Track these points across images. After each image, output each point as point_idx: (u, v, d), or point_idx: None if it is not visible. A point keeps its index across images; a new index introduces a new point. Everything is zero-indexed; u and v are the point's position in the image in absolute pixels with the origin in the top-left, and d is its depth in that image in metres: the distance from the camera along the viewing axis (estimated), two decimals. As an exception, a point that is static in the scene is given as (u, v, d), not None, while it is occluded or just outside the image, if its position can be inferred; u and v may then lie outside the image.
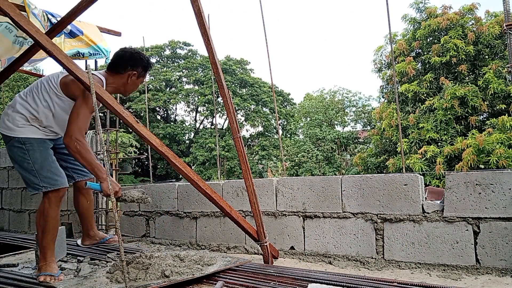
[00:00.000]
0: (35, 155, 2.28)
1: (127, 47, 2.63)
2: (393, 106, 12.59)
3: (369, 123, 22.43)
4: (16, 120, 2.28)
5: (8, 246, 3.85)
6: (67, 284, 2.20)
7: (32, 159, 2.27)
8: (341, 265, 2.80)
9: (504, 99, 10.94)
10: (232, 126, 2.79)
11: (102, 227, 4.72)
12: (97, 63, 5.48)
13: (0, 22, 3.49)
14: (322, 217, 3.01)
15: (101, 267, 2.62)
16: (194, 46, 26.76)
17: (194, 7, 2.67)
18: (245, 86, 24.80)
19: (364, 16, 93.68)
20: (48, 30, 3.28)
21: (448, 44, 11.63)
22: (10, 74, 3.52)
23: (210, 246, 3.54)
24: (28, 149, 2.27)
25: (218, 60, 2.81)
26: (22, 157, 2.28)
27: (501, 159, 9.13)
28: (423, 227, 2.60)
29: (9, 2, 2.26)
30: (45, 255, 2.37)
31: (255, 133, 25.55)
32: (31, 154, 2.27)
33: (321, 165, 18.27)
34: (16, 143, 2.27)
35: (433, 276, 2.43)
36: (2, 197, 5.73)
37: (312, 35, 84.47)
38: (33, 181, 2.27)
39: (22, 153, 2.27)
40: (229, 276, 2.34)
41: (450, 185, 2.55)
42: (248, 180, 2.78)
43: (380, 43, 20.59)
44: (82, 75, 2.28)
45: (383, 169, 12.71)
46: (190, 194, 3.74)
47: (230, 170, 21.00)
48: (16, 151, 2.28)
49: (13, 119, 2.29)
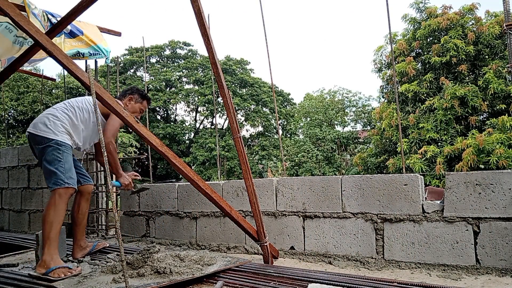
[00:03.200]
0: (68, 157, 2.70)
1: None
2: (393, 106, 12.58)
3: (369, 123, 22.42)
4: (58, 126, 2.72)
5: (8, 246, 3.85)
6: (67, 284, 2.20)
7: (64, 160, 2.66)
8: (341, 265, 2.80)
9: (504, 99, 10.93)
10: (232, 126, 2.79)
11: (102, 227, 4.73)
12: (97, 63, 5.48)
13: (0, 22, 3.49)
14: (322, 217, 3.01)
15: (101, 267, 2.62)
16: (194, 46, 26.79)
17: (194, 7, 2.67)
18: (245, 86, 24.80)
19: (364, 16, 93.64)
20: (48, 30, 3.28)
21: (448, 44, 11.62)
22: (10, 74, 3.52)
23: (210, 246, 3.54)
24: (63, 151, 2.68)
25: (218, 60, 2.80)
26: (57, 156, 2.64)
27: (501, 159, 9.12)
28: (423, 227, 2.60)
29: (9, 2, 2.26)
30: (50, 246, 2.47)
31: (255, 133, 25.56)
32: (64, 156, 2.68)
33: (321, 165, 18.26)
34: (54, 144, 2.66)
35: (433, 276, 2.43)
36: (2, 197, 5.73)
37: (312, 35, 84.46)
38: (60, 177, 2.60)
39: (58, 153, 2.65)
40: (229, 276, 2.35)
41: (450, 185, 2.55)
42: (248, 180, 2.78)
43: (380, 43, 20.61)
44: (82, 75, 2.28)
45: (383, 169, 12.70)
46: (190, 194, 3.74)
47: (230, 170, 20.99)
48: (51, 151, 2.65)
49: (55, 125, 2.72)
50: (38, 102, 17.48)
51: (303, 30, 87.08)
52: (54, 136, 2.67)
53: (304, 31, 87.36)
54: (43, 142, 2.66)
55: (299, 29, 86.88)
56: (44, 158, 2.65)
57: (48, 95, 18.60)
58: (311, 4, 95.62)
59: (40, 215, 5.09)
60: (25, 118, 18.22)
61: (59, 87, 18.59)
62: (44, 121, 2.72)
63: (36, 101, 17.90)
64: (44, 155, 2.65)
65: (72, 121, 2.81)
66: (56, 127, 2.71)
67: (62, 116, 2.78)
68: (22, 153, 5.46)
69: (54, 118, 2.74)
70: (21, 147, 5.59)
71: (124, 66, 24.60)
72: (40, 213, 5.08)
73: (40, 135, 2.67)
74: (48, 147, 2.64)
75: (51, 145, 2.65)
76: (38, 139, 2.67)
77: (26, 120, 18.33)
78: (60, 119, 2.76)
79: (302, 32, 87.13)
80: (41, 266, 2.42)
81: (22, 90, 18.34)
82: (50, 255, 2.45)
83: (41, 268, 2.41)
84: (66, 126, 2.76)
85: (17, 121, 18.81)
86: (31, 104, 17.98)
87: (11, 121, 18.81)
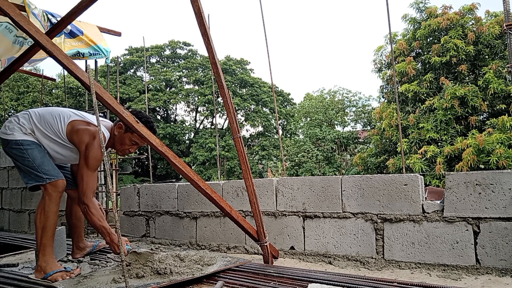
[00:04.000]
0: (34, 153, 2.42)
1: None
2: (393, 106, 12.57)
3: (369, 123, 22.42)
4: (15, 128, 2.46)
5: (8, 246, 3.85)
6: (67, 284, 2.20)
7: (31, 157, 2.40)
8: (341, 265, 2.80)
9: (504, 99, 10.93)
10: (232, 126, 2.79)
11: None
12: (97, 63, 5.49)
13: (0, 22, 3.49)
14: (322, 217, 3.01)
15: (101, 267, 2.62)
16: (194, 46, 26.80)
17: (194, 7, 2.67)
18: (245, 86, 24.81)
19: (364, 16, 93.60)
20: (48, 30, 3.28)
21: (448, 44, 11.62)
22: (10, 74, 3.52)
23: (210, 246, 3.54)
24: (26, 148, 2.42)
25: (218, 60, 2.80)
26: (21, 156, 2.41)
27: (501, 159, 9.12)
28: (423, 227, 2.60)
29: (9, 2, 2.26)
30: (45, 252, 2.37)
31: (255, 133, 25.56)
32: (29, 153, 2.41)
33: (321, 165, 18.26)
34: (14, 145, 2.42)
35: (433, 276, 2.43)
36: (2, 197, 5.73)
37: (312, 35, 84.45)
38: (37, 174, 2.38)
39: (21, 152, 2.42)
40: (229, 276, 2.34)
41: (450, 185, 2.55)
42: (248, 180, 2.78)
43: (380, 43, 20.62)
44: (82, 75, 2.28)
45: (383, 169, 12.69)
46: (190, 194, 3.74)
47: (230, 170, 21.00)
48: (15, 152, 2.43)
49: (13, 126, 2.46)
50: (38, 102, 17.49)
51: (303, 30, 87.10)
52: (10, 136, 2.44)
53: (304, 31, 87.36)
54: (4, 145, 2.48)
55: (299, 29, 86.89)
56: (14, 160, 2.46)
57: (48, 95, 18.61)
58: (311, 4, 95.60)
59: (40, 215, 5.08)
60: (25, 118, 18.19)
61: (59, 87, 18.60)
62: (7, 123, 2.52)
63: (36, 101, 17.91)
64: (13, 158, 2.45)
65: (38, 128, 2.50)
66: (14, 128, 2.47)
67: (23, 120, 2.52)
68: (22, 153, 5.46)
69: (16, 121, 2.51)
70: (21, 147, 5.58)
71: (124, 66, 24.61)
72: (40, 213, 5.07)
73: (2, 138, 2.48)
74: (11, 149, 2.44)
75: (12, 147, 2.43)
76: (3, 142, 2.50)
77: (26, 120, 18.31)
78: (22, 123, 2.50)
79: (302, 32, 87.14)
80: (38, 272, 2.37)
81: (22, 90, 18.35)
82: (45, 261, 2.35)
83: (38, 274, 2.36)
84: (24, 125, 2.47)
85: (17, 121, 18.79)
86: (31, 104, 17.98)
87: (11, 121, 18.78)
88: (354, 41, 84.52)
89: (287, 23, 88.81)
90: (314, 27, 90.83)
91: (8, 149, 2.47)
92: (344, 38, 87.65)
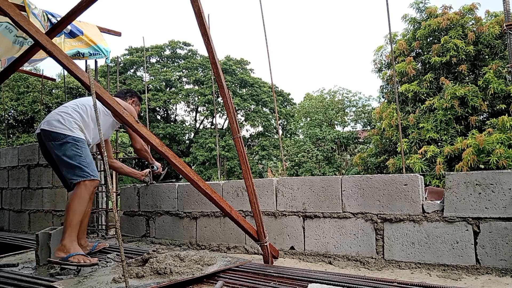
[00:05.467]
0: (86, 152, 2.83)
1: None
2: (393, 106, 12.58)
3: (369, 123, 22.42)
4: (71, 123, 2.82)
5: (8, 246, 3.85)
6: (67, 284, 2.20)
7: (84, 154, 2.78)
8: (341, 265, 2.80)
9: (504, 99, 10.93)
10: (232, 126, 2.79)
11: (102, 227, 4.73)
12: (97, 63, 5.48)
13: (0, 22, 3.50)
14: (322, 217, 3.01)
15: (101, 267, 2.62)
16: (194, 46, 26.78)
17: (194, 7, 2.67)
18: (245, 86, 24.80)
19: (364, 16, 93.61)
20: (48, 30, 3.28)
21: (448, 44, 11.62)
22: (10, 74, 3.51)
23: (210, 246, 3.54)
24: (81, 146, 2.79)
25: (218, 60, 2.80)
26: (76, 152, 2.75)
27: (501, 159, 9.12)
28: (423, 227, 2.60)
29: (9, 2, 2.26)
30: (71, 234, 2.55)
31: (255, 133, 25.56)
32: (83, 151, 2.79)
33: (321, 165, 18.26)
34: (72, 140, 2.77)
35: (433, 276, 2.43)
36: (2, 197, 5.73)
37: (312, 35, 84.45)
38: (85, 170, 2.72)
39: (77, 148, 2.76)
40: (229, 276, 2.34)
41: (450, 185, 2.55)
42: (248, 180, 2.78)
43: (380, 43, 20.61)
44: (82, 75, 2.28)
45: (383, 169, 12.69)
46: (190, 194, 3.74)
47: (230, 170, 20.99)
48: (70, 147, 2.75)
49: (68, 121, 2.82)
50: (38, 102, 17.48)
51: (303, 30, 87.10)
52: (70, 132, 2.78)
53: (304, 31, 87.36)
54: (59, 138, 2.76)
55: (299, 29, 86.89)
56: (63, 154, 2.74)
57: (48, 95, 18.60)
58: (311, 4, 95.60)
59: (40, 215, 5.09)
60: (25, 118, 18.22)
61: (59, 87, 18.59)
62: (57, 119, 2.82)
63: (36, 101, 17.90)
64: (63, 151, 2.74)
65: (83, 118, 2.92)
66: (70, 123, 2.83)
67: (73, 113, 2.90)
68: (22, 153, 5.46)
69: (67, 116, 2.85)
70: (21, 147, 5.58)
71: (124, 66, 24.60)
72: (40, 213, 5.08)
73: (56, 132, 2.76)
74: (67, 143, 2.75)
75: (69, 141, 2.75)
76: (54, 135, 2.76)
77: (26, 120, 18.33)
78: (72, 116, 2.87)
79: (302, 32, 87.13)
80: (60, 250, 2.47)
81: (22, 90, 18.33)
82: (71, 241, 2.52)
83: (60, 252, 2.46)
84: (78, 123, 2.87)
85: (17, 121, 18.80)
86: (31, 104, 17.97)
87: (11, 121, 18.80)
88: (354, 41, 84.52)
89: (287, 23, 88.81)
90: (314, 27, 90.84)
91: (56, 143, 2.73)
92: (344, 38, 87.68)
